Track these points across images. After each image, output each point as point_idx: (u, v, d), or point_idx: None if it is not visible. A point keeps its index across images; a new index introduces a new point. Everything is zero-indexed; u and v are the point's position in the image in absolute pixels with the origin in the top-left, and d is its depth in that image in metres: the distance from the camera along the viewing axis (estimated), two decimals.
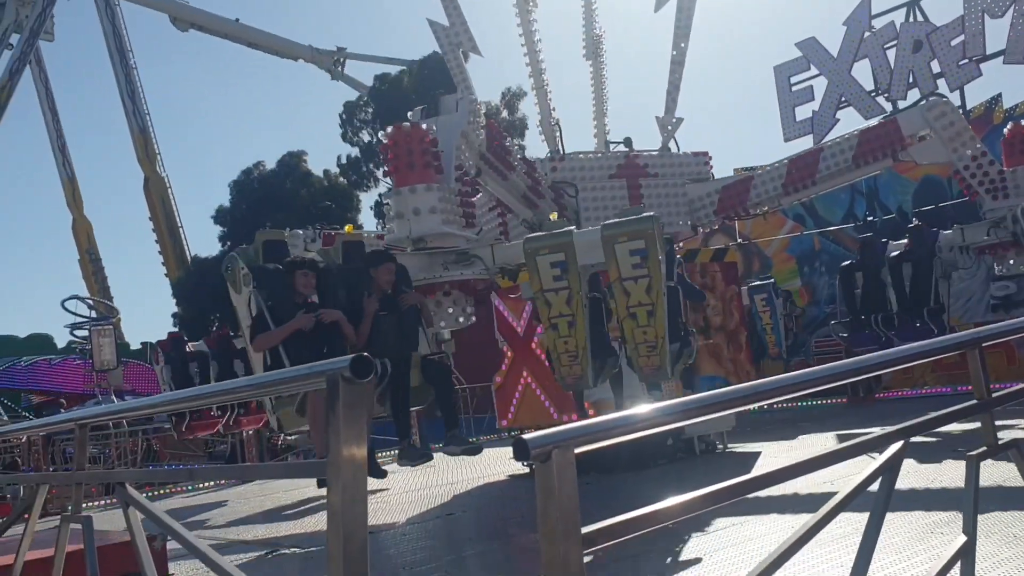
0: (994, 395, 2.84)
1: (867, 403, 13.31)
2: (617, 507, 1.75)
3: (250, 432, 14.61)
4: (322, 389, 5.47)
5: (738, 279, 11.20)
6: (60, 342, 30.37)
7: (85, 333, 21.76)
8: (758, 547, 4.79)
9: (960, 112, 11.66)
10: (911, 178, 18.97)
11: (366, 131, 32.79)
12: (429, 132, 7.65)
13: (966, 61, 18.64)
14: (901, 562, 4.15)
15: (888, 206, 19.54)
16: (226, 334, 11.69)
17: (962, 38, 18.63)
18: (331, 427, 1.97)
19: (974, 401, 2.79)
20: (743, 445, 10.05)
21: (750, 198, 10.76)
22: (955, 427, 4.64)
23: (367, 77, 35.34)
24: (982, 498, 2.72)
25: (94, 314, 23.17)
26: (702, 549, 5.00)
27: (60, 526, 3.67)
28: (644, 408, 1.89)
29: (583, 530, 1.63)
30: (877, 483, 2.39)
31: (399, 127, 7.74)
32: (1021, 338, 3.13)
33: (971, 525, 2.62)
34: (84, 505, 3.80)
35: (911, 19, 19.87)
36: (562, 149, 10.88)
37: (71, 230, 38.73)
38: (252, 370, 6.65)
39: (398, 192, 7.59)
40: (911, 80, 19.27)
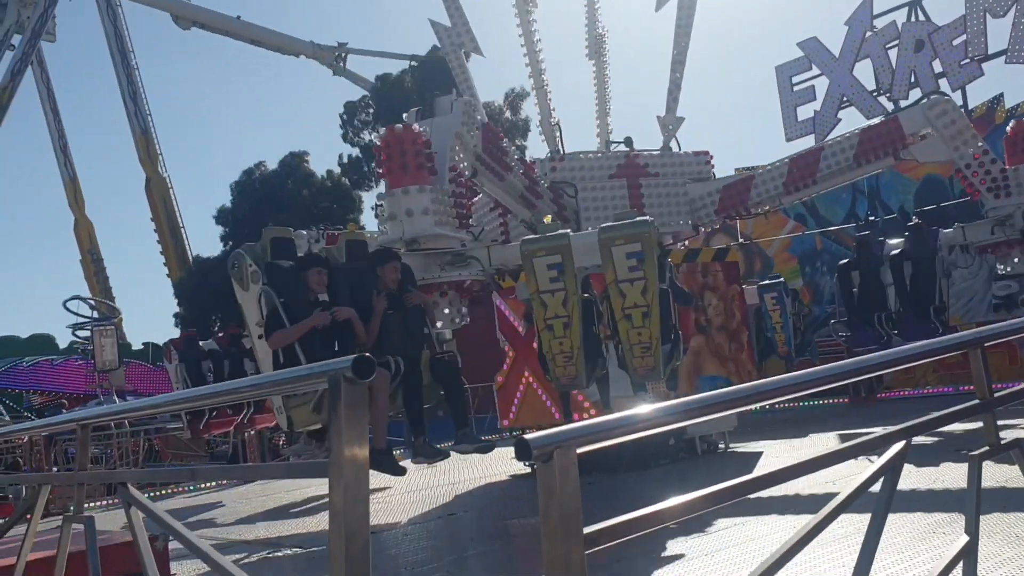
0: (996, 395, 2.84)
1: (869, 403, 13.29)
2: (619, 507, 1.75)
3: (252, 432, 14.62)
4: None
5: (740, 279, 11.18)
6: (62, 342, 30.44)
7: (87, 333, 21.78)
8: (760, 547, 4.78)
9: (961, 110, 11.66)
10: (913, 177, 18.96)
11: (367, 131, 32.78)
12: (423, 134, 7.66)
13: (968, 61, 18.62)
14: (903, 562, 4.14)
15: (890, 206, 19.53)
16: (236, 333, 11.65)
17: (964, 38, 18.62)
18: (333, 427, 1.98)
19: (976, 401, 2.79)
20: (745, 445, 10.04)
21: (751, 197, 10.76)
22: (957, 427, 4.64)
23: (369, 73, 35.49)
24: (984, 498, 2.72)
25: (96, 314, 23.17)
26: (704, 549, 5.00)
27: (62, 526, 3.67)
28: (646, 408, 1.89)
29: (585, 530, 1.62)
30: (879, 483, 2.39)
31: (392, 129, 7.79)
32: (1023, 338, 3.13)
33: (973, 525, 2.62)
34: (86, 505, 3.81)
35: (913, 19, 19.86)
36: (562, 149, 10.87)
37: (73, 230, 38.75)
38: (259, 368, 6.59)
39: (391, 194, 7.62)
40: (913, 80, 19.26)
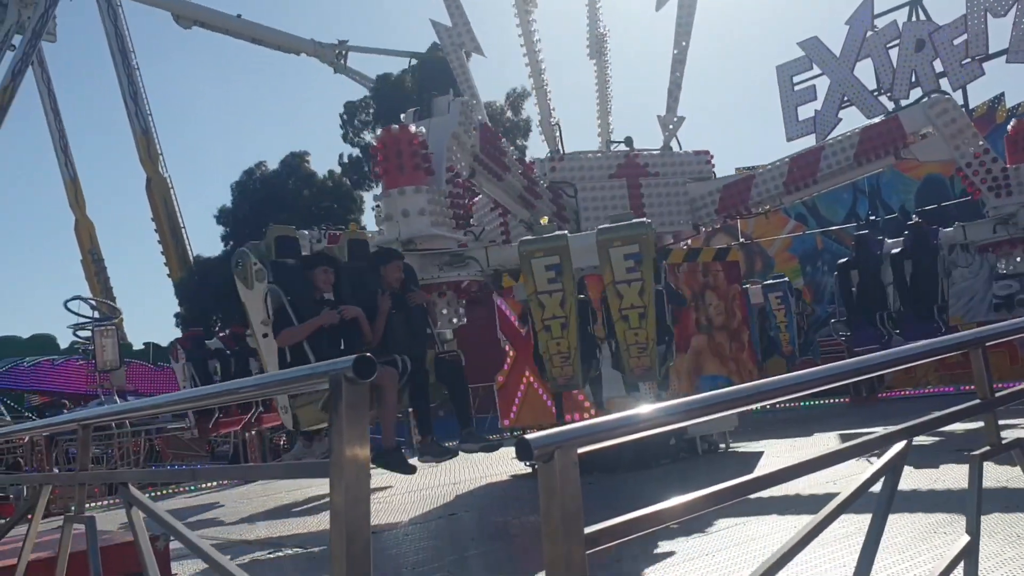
0: (997, 395, 2.84)
1: (870, 403, 13.29)
2: (620, 507, 1.75)
3: (253, 433, 14.62)
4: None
5: (740, 278, 11.18)
6: (63, 343, 30.50)
7: (88, 334, 21.80)
8: (761, 547, 4.78)
9: (962, 109, 11.65)
10: (913, 177, 18.95)
11: (367, 131, 32.77)
12: (419, 134, 7.67)
13: (969, 60, 18.62)
14: (904, 562, 4.14)
15: (891, 205, 19.53)
16: (240, 332, 11.63)
17: (965, 37, 18.61)
18: (334, 427, 1.98)
19: (977, 401, 2.79)
20: (745, 445, 10.04)
21: (751, 197, 10.75)
22: (958, 427, 4.64)
23: (370, 70, 35.53)
24: (985, 498, 2.72)
25: (97, 315, 23.17)
26: (705, 549, 5.00)
27: (63, 526, 3.67)
28: (647, 408, 1.89)
29: (586, 530, 1.62)
30: (880, 483, 2.38)
31: (388, 129, 7.82)
32: None
33: (974, 525, 2.61)
34: (87, 505, 3.81)
35: (913, 18, 19.85)
36: (562, 149, 10.86)
37: (73, 231, 38.70)
38: (263, 367, 6.55)
39: (387, 194, 7.65)
40: (914, 79, 19.25)
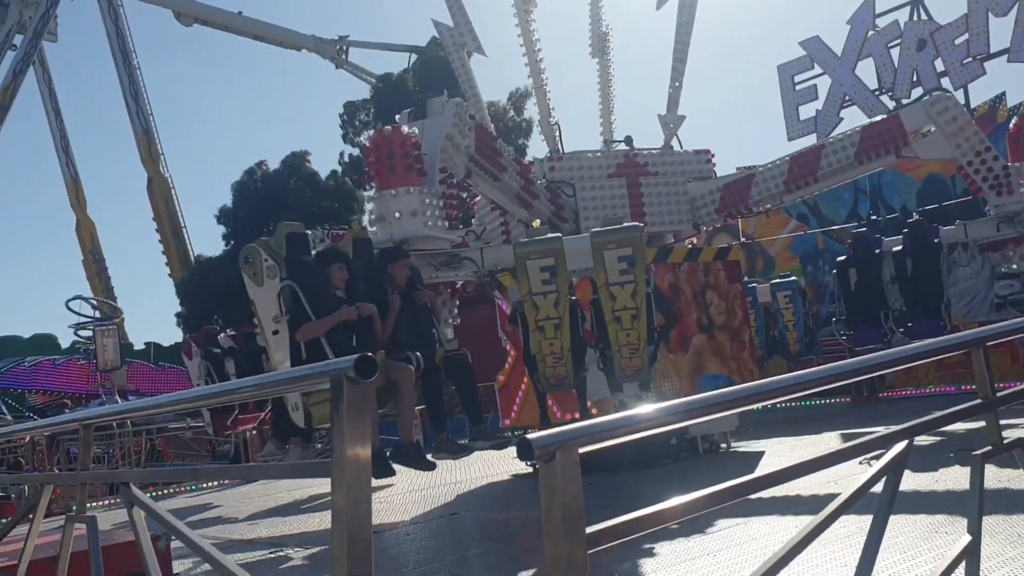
0: (998, 394, 2.84)
1: (871, 402, 13.28)
2: (620, 507, 1.75)
3: (253, 432, 14.61)
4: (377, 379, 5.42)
5: (741, 278, 11.16)
6: (64, 342, 30.43)
7: (89, 333, 21.79)
8: (762, 547, 4.78)
9: (963, 107, 11.62)
10: (915, 177, 18.95)
11: (368, 131, 32.76)
12: (411, 135, 7.69)
13: (970, 59, 18.61)
14: (905, 562, 4.14)
15: (892, 205, 19.52)
16: (251, 331, 11.59)
17: (966, 36, 18.60)
18: (335, 427, 1.98)
19: (978, 400, 2.79)
20: (746, 444, 10.04)
21: (752, 196, 10.72)
22: (959, 427, 4.63)
23: (370, 66, 35.65)
24: (987, 498, 2.72)
25: (98, 314, 23.16)
26: (706, 548, 4.99)
27: (65, 526, 3.68)
28: (648, 408, 1.89)
29: (587, 530, 1.62)
30: (881, 483, 2.38)
31: (380, 131, 7.86)
32: None
33: (976, 525, 2.61)
34: (88, 505, 3.81)
35: (915, 18, 19.84)
36: (561, 149, 10.85)
37: (75, 230, 38.66)
38: (272, 363, 6.55)
39: (380, 195, 7.68)
40: (915, 79, 19.24)
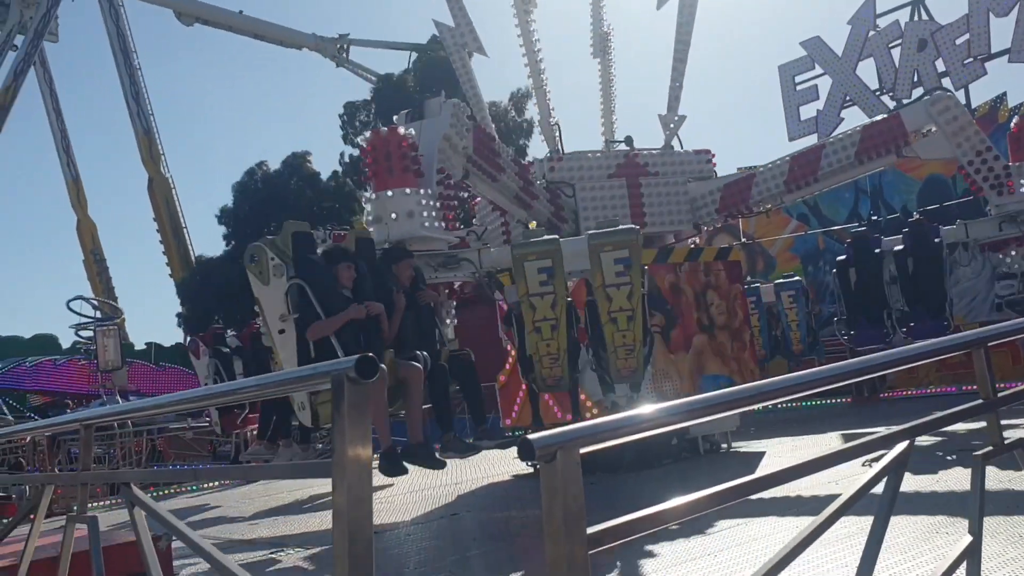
0: (1000, 395, 2.84)
1: (872, 403, 13.28)
2: (621, 507, 1.75)
3: (254, 432, 14.62)
4: (382, 381, 5.54)
5: (742, 278, 11.16)
6: (65, 343, 30.48)
7: (90, 333, 21.83)
8: (763, 547, 4.78)
9: (964, 106, 11.59)
10: (915, 177, 18.94)
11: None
12: (408, 136, 7.71)
13: (971, 60, 18.60)
14: (906, 562, 4.14)
15: (892, 205, 19.51)
16: (257, 330, 11.55)
17: (967, 36, 18.60)
18: (336, 427, 1.98)
19: (979, 401, 2.79)
20: (747, 444, 10.03)
21: (752, 196, 10.71)
22: (960, 427, 4.63)
23: (371, 64, 35.78)
24: (988, 498, 2.72)
25: (99, 315, 23.21)
26: (707, 549, 4.99)
27: (66, 526, 3.68)
28: (649, 408, 1.89)
29: (588, 530, 1.62)
30: (882, 483, 2.38)
31: (377, 131, 7.89)
32: None
33: (977, 525, 2.61)
34: (89, 505, 3.81)
35: (916, 18, 19.84)
36: (561, 149, 10.84)
37: (75, 231, 38.70)
38: (277, 362, 6.54)
39: (377, 196, 7.68)
40: (916, 79, 19.23)
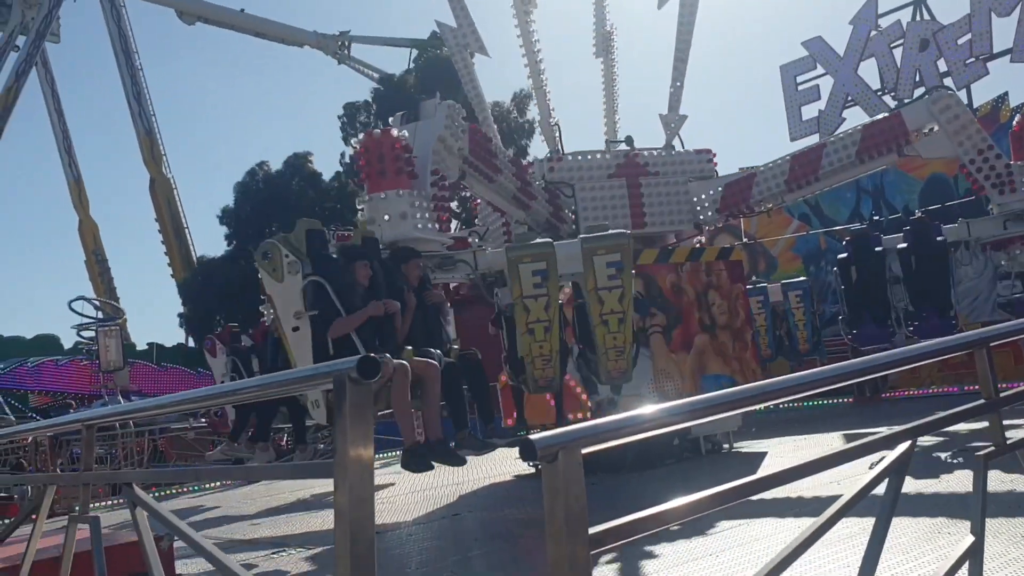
0: (1002, 395, 2.84)
1: (873, 403, 13.27)
2: (623, 507, 1.75)
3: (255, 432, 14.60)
4: (407, 377, 5.53)
5: (744, 278, 11.15)
6: (67, 343, 30.48)
7: (91, 334, 21.85)
8: (765, 547, 4.78)
9: (965, 105, 11.56)
10: (917, 177, 18.92)
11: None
12: (401, 138, 7.74)
13: (973, 60, 18.58)
14: (908, 562, 4.13)
15: (894, 205, 19.48)
16: (268, 328, 11.51)
17: (969, 36, 18.58)
18: (338, 427, 1.98)
19: (982, 401, 2.78)
20: (749, 445, 10.03)
21: (753, 195, 10.69)
22: (962, 427, 4.62)
23: (373, 60, 35.88)
24: (990, 498, 2.71)
25: (100, 315, 23.23)
26: (709, 549, 4.99)
27: (68, 526, 3.68)
28: (651, 408, 1.89)
29: (590, 530, 1.62)
30: (884, 483, 2.38)
31: (370, 133, 7.92)
32: None
33: (979, 525, 2.61)
34: (91, 505, 3.82)
35: (918, 18, 19.83)
36: (561, 149, 10.84)
37: (77, 231, 38.73)
38: (291, 360, 6.55)
39: (370, 198, 7.72)
40: (918, 79, 19.22)
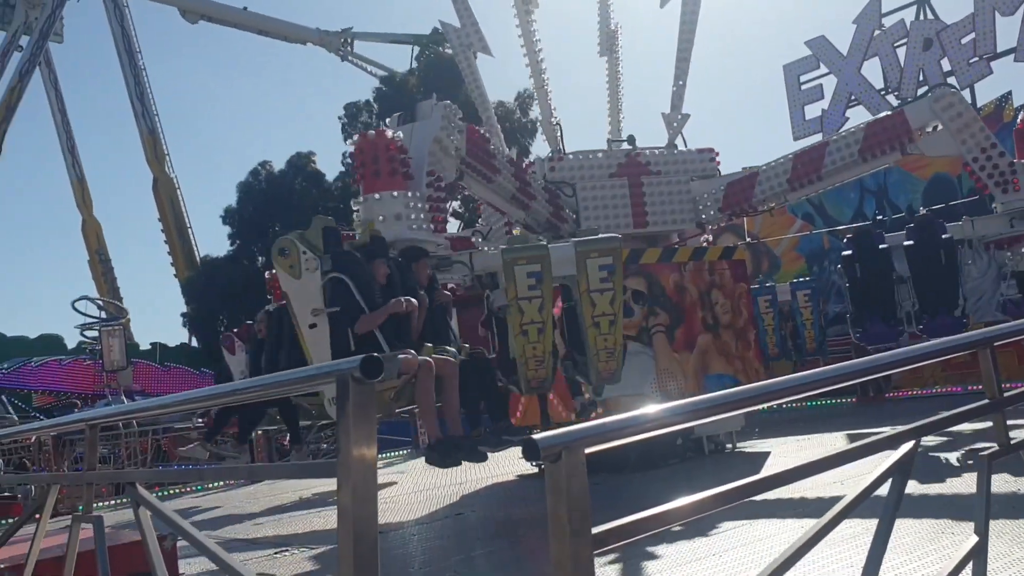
0: (1006, 395, 2.83)
1: (877, 402, 13.25)
2: (626, 507, 1.75)
3: (258, 432, 14.64)
4: (431, 373, 5.58)
5: (747, 277, 11.12)
6: (70, 342, 30.52)
7: (95, 334, 21.89)
8: (768, 547, 4.77)
9: (968, 103, 11.52)
10: (921, 176, 18.91)
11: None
12: (396, 139, 7.76)
13: (976, 59, 18.56)
14: (912, 563, 4.12)
15: (898, 204, 19.48)
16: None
17: (972, 36, 18.56)
18: (341, 427, 1.98)
19: (985, 401, 2.78)
20: (752, 444, 10.02)
21: (755, 194, 10.66)
22: (966, 427, 4.61)
23: (376, 58, 35.90)
24: (994, 498, 2.70)
25: (104, 315, 23.27)
26: (712, 549, 4.99)
27: (71, 526, 3.69)
28: (654, 408, 1.89)
29: (593, 530, 1.62)
30: (888, 483, 2.38)
31: (364, 135, 7.94)
32: None
33: (983, 525, 2.60)
34: (95, 505, 3.82)
35: (921, 17, 19.81)
36: (563, 149, 10.84)
37: (81, 231, 38.80)
38: (308, 357, 6.57)
39: (364, 199, 7.74)
40: (921, 78, 19.20)
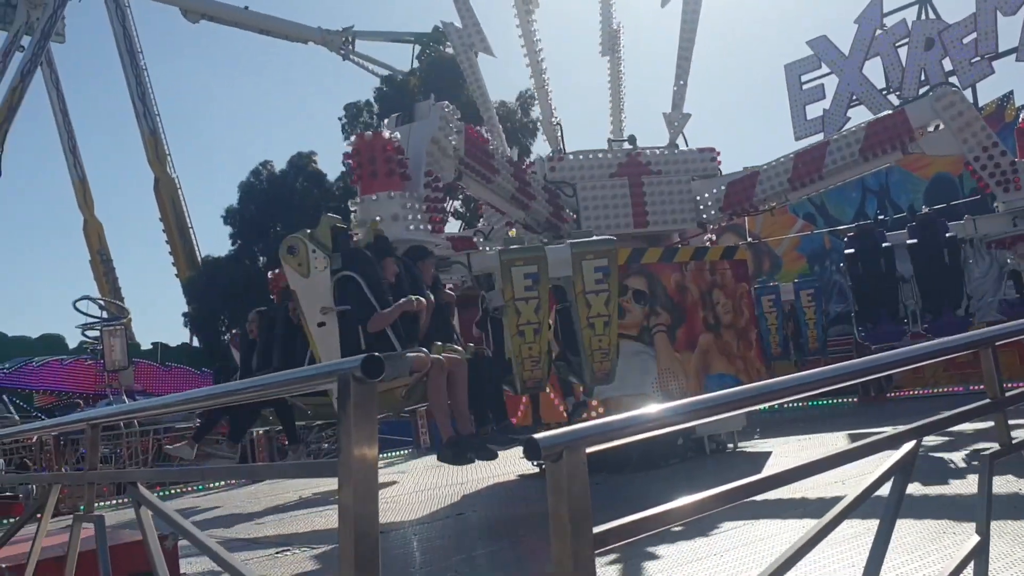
0: (1007, 394, 2.83)
1: (878, 402, 13.24)
2: (626, 507, 1.75)
3: (259, 432, 14.66)
4: (443, 371, 5.61)
5: (748, 277, 11.12)
6: (72, 342, 30.52)
7: (96, 333, 21.90)
8: (769, 547, 4.77)
9: (970, 102, 11.51)
10: (922, 176, 18.90)
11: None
12: (393, 140, 7.77)
13: (978, 58, 18.55)
14: (913, 562, 4.12)
15: (899, 204, 19.46)
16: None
17: (974, 35, 18.54)
18: (342, 427, 1.98)
19: (987, 400, 2.77)
20: (754, 444, 10.02)
21: (756, 194, 10.66)
22: (968, 427, 4.61)
23: (378, 56, 35.93)
24: (996, 498, 2.70)
25: (105, 315, 23.28)
26: (713, 549, 4.99)
27: (72, 525, 3.69)
28: (655, 407, 1.89)
29: (594, 530, 1.62)
30: (889, 483, 2.37)
31: (361, 136, 7.95)
32: None
33: (984, 525, 2.60)
34: (96, 504, 3.82)
35: (923, 17, 19.79)
36: (563, 149, 10.83)
37: (82, 231, 38.81)
38: (316, 355, 6.58)
39: (361, 200, 7.75)
40: (923, 78, 19.18)
